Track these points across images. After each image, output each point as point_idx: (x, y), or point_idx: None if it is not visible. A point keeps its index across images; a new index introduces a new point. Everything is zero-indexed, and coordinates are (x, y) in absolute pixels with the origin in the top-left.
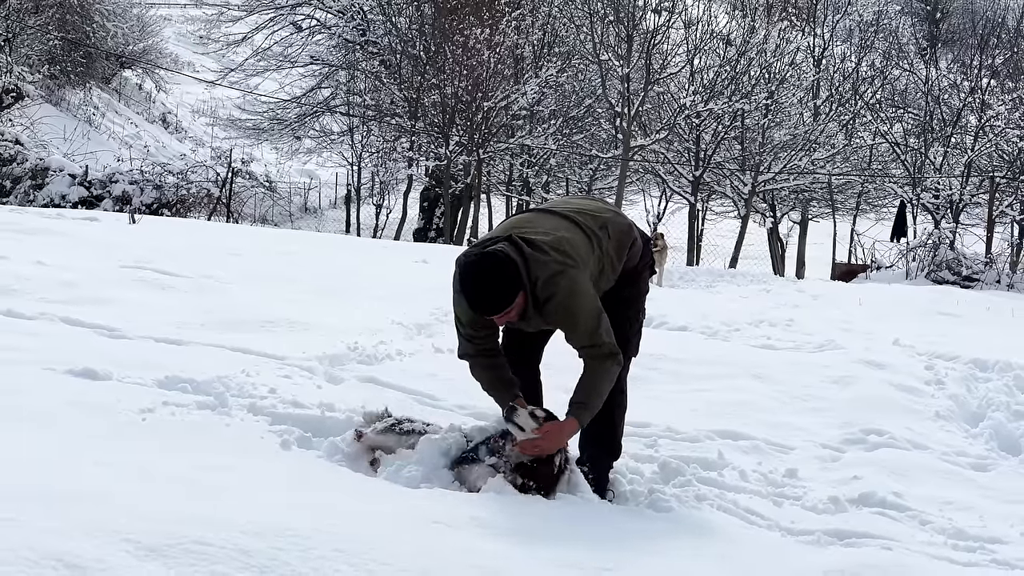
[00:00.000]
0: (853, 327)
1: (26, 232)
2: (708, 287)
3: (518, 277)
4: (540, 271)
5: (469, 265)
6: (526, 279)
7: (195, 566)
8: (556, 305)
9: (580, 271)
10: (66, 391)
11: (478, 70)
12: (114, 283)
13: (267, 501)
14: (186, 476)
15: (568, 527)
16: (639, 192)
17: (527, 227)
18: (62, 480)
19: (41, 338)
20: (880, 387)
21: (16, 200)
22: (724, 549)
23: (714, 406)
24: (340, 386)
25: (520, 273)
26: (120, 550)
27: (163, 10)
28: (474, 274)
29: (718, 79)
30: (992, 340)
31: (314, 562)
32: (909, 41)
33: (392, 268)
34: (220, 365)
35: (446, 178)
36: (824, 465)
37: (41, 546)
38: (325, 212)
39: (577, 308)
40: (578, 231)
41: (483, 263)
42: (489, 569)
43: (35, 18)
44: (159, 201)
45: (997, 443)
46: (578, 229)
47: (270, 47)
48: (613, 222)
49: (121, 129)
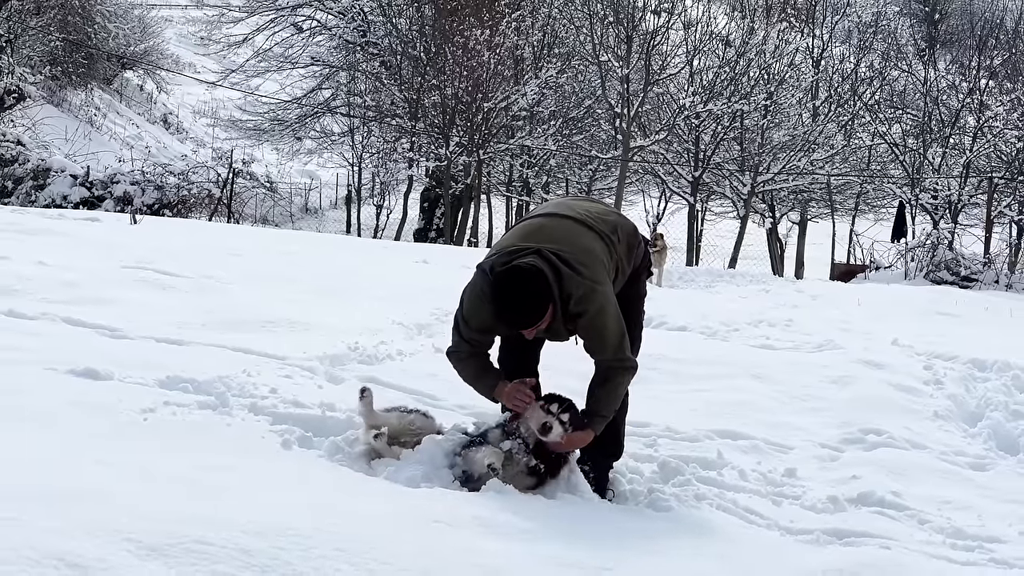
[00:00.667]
0: (852, 327)
1: (28, 232)
2: (707, 287)
3: (550, 292)
4: (574, 289)
5: (502, 278)
6: (557, 295)
7: (196, 565)
8: (587, 321)
9: (609, 288)
10: (68, 391)
11: (478, 71)
12: (115, 283)
13: (268, 501)
14: (187, 476)
15: (568, 526)
16: (639, 192)
17: (550, 237)
18: (63, 480)
19: (43, 338)
20: (879, 387)
21: (18, 201)
22: (723, 548)
23: (713, 406)
24: (341, 386)
25: (551, 288)
26: (121, 549)
27: (164, 11)
28: (508, 288)
29: (717, 80)
30: (990, 340)
31: (315, 561)
32: (908, 42)
33: (392, 268)
34: (221, 365)
35: (446, 179)
36: (823, 465)
37: (43, 545)
38: (326, 213)
39: (605, 325)
40: (598, 240)
41: (517, 278)
42: (490, 568)
43: (37, 19)
44: (160, 202)
45: (995, 443)
46: (597, 237)
47: (271, 48)
48: (621, 225)
49: (122, 130)
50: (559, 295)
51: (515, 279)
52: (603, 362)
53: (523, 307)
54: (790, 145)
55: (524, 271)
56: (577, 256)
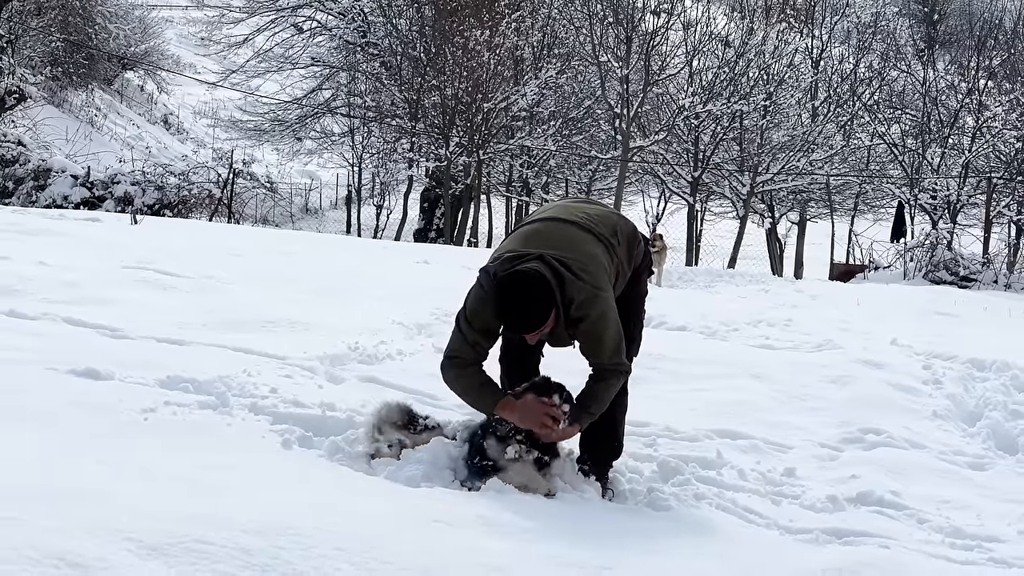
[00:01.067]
0: (851, 327)
1: (29, 233)
2: (707, 287)
3: (552, 297)
4: (576, 294)
5: (505, 284)
6: (559, 299)
7: (196, 565)
8: (588, 326)
9: (610, 294)
10: (68, 391)
11: (478, 71)
12: (116, 283)
13: (268, 500)
14: (188, 475)
15: (569, 526)
16: (638, 193)
17: (553, 242)
18: (64, 479)
19: (43, 338)
20: (878, 387)
21: (19, 201)
22: (723, 548)
23: (713, 405)
24: (341, 386)
25: (554, 293)
26: (122, 549)
27: (165, 12)
28: (511, 293)
29: (717, 80)
30: (989, 340)
31: (315, 561)
32: (907, 43)
33: (393, 268)
34: (221, 365)
35: (446, 179)
36: (822, 464)
37: (43, 545)
38: (326, 213)
39: (604, 331)
40: (599, 244)
41: (520, 283)
42: (490, 567)
43: (38, 20)
44: (161, 202)
45: (994, 442)
46: (598, 242)
47: (271, 49)
48: (620, 226)
49: (123, 130)
50: (561, 300)
51: (518, 284)
52: (599, 365)
53: (526, 312)
54: (789, 145)
55: (527, 276)
56: (579, 261)
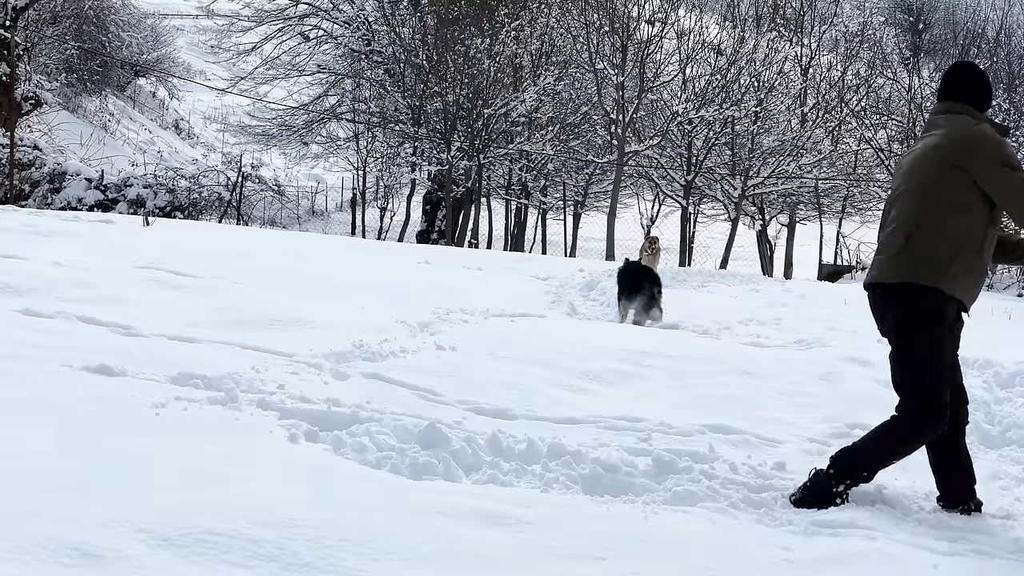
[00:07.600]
0: (839, 326)
1: (44, 234)
2: (700, 287)
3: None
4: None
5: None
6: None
7: (206, 555)
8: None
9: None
10: (82, 386)
11: (478, 78)
12: (129, 283)
13: (275, 492)
14: (197, 468)
15: (567, 517)
16: (633, 196)
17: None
18: (78, 473)
19: (58, 335)
20: (865, 383)
21: (35, 203)
22: (713, 539)
23: (705, 401)
24: (346, 382)
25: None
26: (134, 540)
27: (176, 21)
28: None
29: (709, 87)
30: (971, 338)
31: (320, 551)
32: (893, 51)
33: (396, 269)
34: (231, 362)
35: (448, 182)
36: (811, 458)
37: (59, 536)
38: (331, 215)
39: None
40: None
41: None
42: (489, 557)
43: (53, 28)
44: (172, 204)
45: (976, 437)
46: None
47: (279, 56)
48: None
49: (136, 135)
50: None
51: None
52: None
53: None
54: (779, 150)
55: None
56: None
